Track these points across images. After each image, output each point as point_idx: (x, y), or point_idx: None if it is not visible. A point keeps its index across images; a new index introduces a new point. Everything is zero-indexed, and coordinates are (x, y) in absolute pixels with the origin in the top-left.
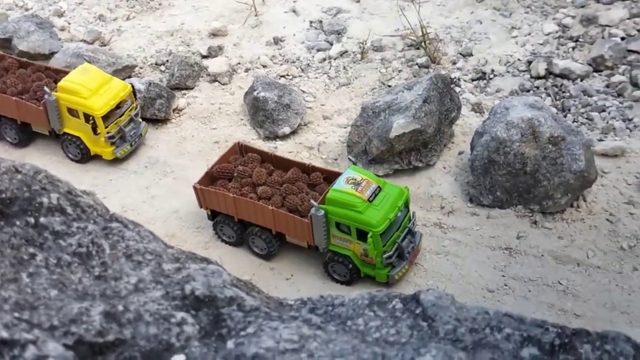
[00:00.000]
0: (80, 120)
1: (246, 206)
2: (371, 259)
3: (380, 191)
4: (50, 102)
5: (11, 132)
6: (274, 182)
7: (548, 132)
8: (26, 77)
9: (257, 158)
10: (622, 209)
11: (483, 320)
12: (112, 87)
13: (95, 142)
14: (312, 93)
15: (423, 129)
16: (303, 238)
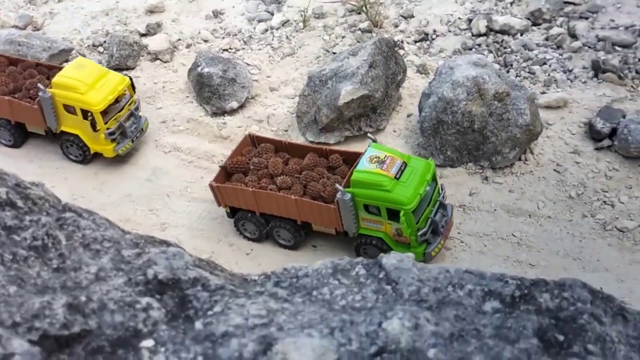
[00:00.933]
0: (77, 117)
1: (267, 199)
2: (405, 238)
3: (406, 167)
4: (45, 99)
5: (4, 133)
6: (292, 171)
7: (493, 89)
8: (17, 75)
9: (270, 148)
10: (568, 158)
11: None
12: (109, 81)
13: (95, 140)
14: (256, 65)
15: (371, 94)
16: (331, 225)
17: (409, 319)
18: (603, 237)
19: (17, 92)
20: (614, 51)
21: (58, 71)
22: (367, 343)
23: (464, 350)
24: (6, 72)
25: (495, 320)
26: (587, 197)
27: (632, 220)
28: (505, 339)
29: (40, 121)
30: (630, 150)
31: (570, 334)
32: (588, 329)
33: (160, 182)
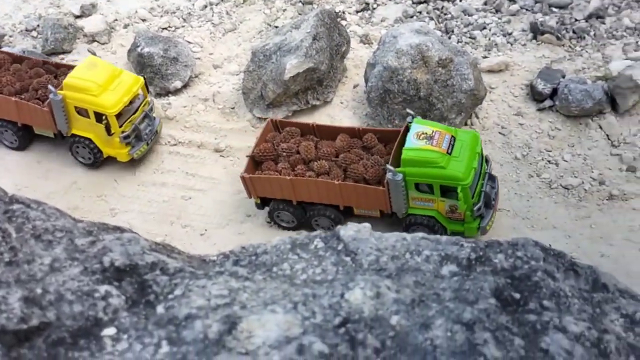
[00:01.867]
0: (90, 120)
1: (307, 186)
2: (459, 215)
3: (455, 140)
4: (56, 101)
5: (9, 135)
6: (326, 154)
7: (437, 56)
8: (23, 74)
9: (296, 131)
10: (512, 120)
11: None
12: (123, 81)
13: (109, 143)
14: (198, 43)
15: (316, 67)
16: (378, 207)
17: (371, 288)
18: (549, 195)
19: (23, 92)
20: (551, 12)
21: (66, 70)
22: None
23: (425, 314)
24: (11, 70)
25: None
26: (532, 157)
27: (576, 177)
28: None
29: (50, 124)
30: (571, 109)
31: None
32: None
33: (107, 167)
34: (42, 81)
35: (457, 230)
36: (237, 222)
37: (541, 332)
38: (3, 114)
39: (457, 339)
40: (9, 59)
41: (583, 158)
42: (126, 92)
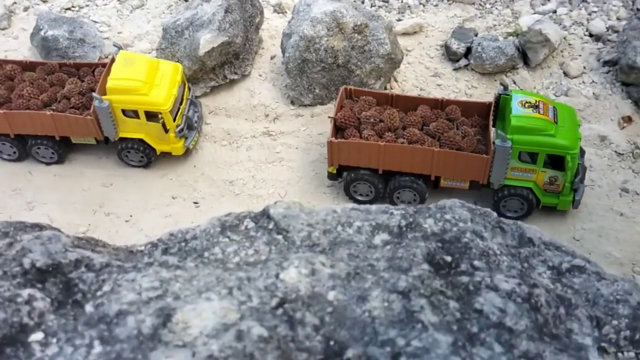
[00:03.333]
0: (140, 120)
1: (400, 154)
2: (557, 187)
3: (557, 110)
4: (103, 108)
5: (46, 151)
6: (413, 123)
7: (352, 22)
8: (42, 82)
9: (373, 101)
10: (430, 82)
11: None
12: (165, 72)
13: (162, 140)
14: (105, 22)
15: (231, 40)
16: (474, 177)
17: (305, 266)
18: None
19: (52, 103)
20: None
21: (88, 69)
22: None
23: (361, 287)
24: (26, 80)
25: (386, 252)
26: None
27: None
28: (399, 269)
29: (95, 132)
30: (485, 66)
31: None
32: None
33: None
34: (73, 88)
35: (551, 203)
36: (163, 205)
37: (474, 292)
38: (37, 130)
39: (394, 308)
40: (18, 68)
41: None
42: (172, 83)
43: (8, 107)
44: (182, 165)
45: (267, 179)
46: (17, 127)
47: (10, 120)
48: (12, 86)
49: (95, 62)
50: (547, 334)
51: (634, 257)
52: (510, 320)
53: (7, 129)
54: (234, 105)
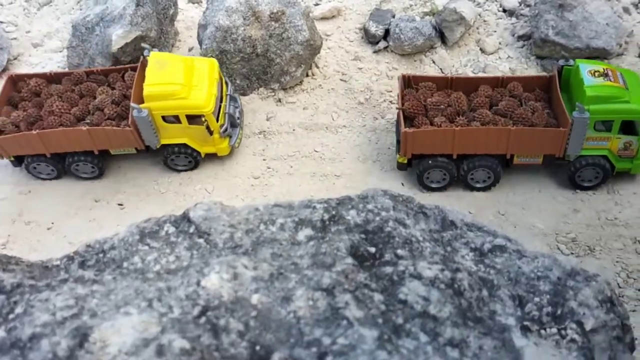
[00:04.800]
0: (182, 124)
1: (475, 136)
2: (631, 151)
3: (624, 76)
4: (142, 118)
5: (86, 166)
6: (481, 104)
7: (268, 10)
8: (70, 95)
9: (433, 86)
10: (351, 66)
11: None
12: (201, 71)
13: (206, 142)
14: (11, 21)
15: (145, 34)
16: (551, 151)
17: (227, 270)
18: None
19: (85, 116)
20: None
21: (117, 74)
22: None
23: (285, 287)
24: (53, 94)
25: (310, 248)
26: (375, 100)
27: None
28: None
29: (135, 142)
30: (405, 48)
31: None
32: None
33: None
34: (105, 98)
35: (625, 169)
36: (85, 210)
37: (398, 282)
38: (74, 147)
39: (319, 307)
40: (42, 81)
41: None
42: (210, 82)
43: (40, 125)
44: (105, 166)
45: (193, 176)
46: (52, 146)
47: (45, 140)
48: (40, 102)
49: (124, 66)
50: (471, 318)
51: (557, 227)
52: (434, 308)
53: (43, 149)
54: None
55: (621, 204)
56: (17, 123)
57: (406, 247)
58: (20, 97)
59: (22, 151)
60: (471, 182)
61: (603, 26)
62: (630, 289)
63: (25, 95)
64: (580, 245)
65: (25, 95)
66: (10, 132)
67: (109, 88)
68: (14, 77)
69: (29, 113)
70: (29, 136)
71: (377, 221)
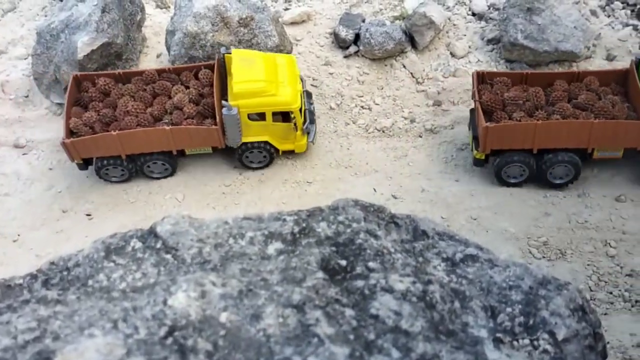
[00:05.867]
0: (266, 122)
1: (557, 130)
2: None
3: None
4: (233, 116)
5: (159, 166)
6: (559, 98)
7: (236, 16)
8: (143, 94)
9: (508, 81)
10: (322, 71)
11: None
12: (283, 67)
13: (287, 139)
14: None
15: (111, 41)
16: (633, 144)
17: (194, 289)
18: (367, 140)
19: (163, 115)
20: None
21: (188, 73)
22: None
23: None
24: (124, 93)
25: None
26: (346, 105)
27: (389, 118)
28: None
29: (217, 140)
30: (375, 52)
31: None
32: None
33: None
34: (183, 97)
35: None
36: (53, 220)
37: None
38: (153, 147)
39: (289, 324)
40: (111, 81)
41: (393, 99)
42: (293, 78)
43: (116, 126)
44: (72, 175)
45: (163, 184)
46: (130, 147)
47: (124, 141)
48: (112, 102)
49: (196, 65)
50: (443, 332)
51: (528, 231)
52: (406, 323)
53: (119, 150)
54: None
55: (591, 207)
56: (92, 124)
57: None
58: (90, 97)
59: (97, 153)
60: (549, 178)
61: (571, 29)
62: (601, 292)
63: (94, 95)
64: (552, 248)
65: (93, 95)
66: (85, 133)
67: (183, 87)
68: (79, 77)
69: (103, 113)
70: (107, 137)
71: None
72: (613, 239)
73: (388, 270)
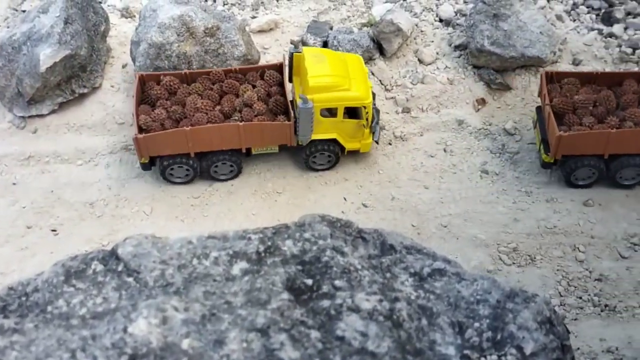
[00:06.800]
0: (336, 119)
1: (630, 138)
2: None
3: None
4: (308, 109)
5: (226, 167)
6: (630, 101)
7: (202, 25)
8: (209, 93)
9: (576, 82)
10: None
11: (188, 252)
12: (352, 64)
13: (354, 137)
14: None
15: (75, 53)
16: None
17: (155, 315)
18: None
19: (232, 113)
20: None
21: (254, 73)
22: (115, 355)
23: (218, 329)
24: (191, 92)
25: (244, 284)
26: None
27: None
28: (257, 303)
29: (288, 138)
30: None
31: (317, 275)
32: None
33: None
34: (252, 95)
35: None
36: (17, 237)
37: (335, 317)
38: (223, 145)
39: (253, 349)
40: (176, 80)
41: None
42: (364, 74)
43: (186, 123)
44: (35, 190)
45: (130, 197)
46: (200, 144)
47: (196, 137)
48: (180, 100)
49: (262, 65)
50: (411, 351)
51: (498, 238)
52: (373, 344)
53: (189, 148)
54: (86, 121)
55: (560, 212)
56: (162, 121)
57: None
58: (157, 95)
59: (166, 150)
60: (618, 180)
61: (537, 35)
62: (571, 297)
63: (160, 93)
64: (522, 254)
65: (160, 93)
66: (155, 130)
67: (250, 86)
68: (144, 77)
69: (173, 110)
70: (179, 133)
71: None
72: (582, 243)
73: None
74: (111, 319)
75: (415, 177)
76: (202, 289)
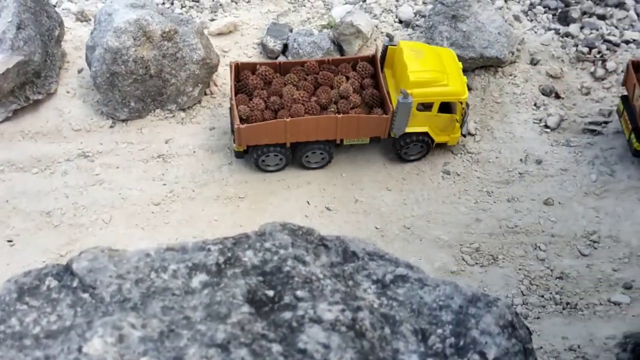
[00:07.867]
0: (431, 112)
1: None
2: None
3: None
4: (408, 104)
5: (316, 155)
6: None
7: (159, 29)
8: (305, 84)
9: None
10: None
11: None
12: (448, 59)
13: (444, 131)
14: None
15: (28, 59)
16: None
17: (111, 333)
18: None
19: (327, 104)
20: None
21: (346, 64)
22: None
23: (176, 346)
24: (286, 82)
25: (204, 298)
26: None
27: None
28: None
29: (383, 130)
30: None
31: (279, 285)
32: (294, 274)
33: None
34: (348, 87)
35: None
36: None
37: (297, 329)
38: (319, 135)
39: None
40: (270, 70)
41: None
42: (458, 68)
43: (284, 114)
44: None
45: (89, 205)
46: (297, 135)
47: (293, 128)
48: (277, 91)
49: (354, 57)
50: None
51: (460, 238)
52: (335, 356)
53: (286, 138)
54: (42, 128)
55: (521, 211)
56: (261, 111)
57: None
58: (254, 85)
59: (264, 140)
60: None
61: (495, 35)
62: (533, 296)
63: (257, 82)
64: (484, 254)
65: (257, 83)
66: (253, 120)
67: (344, 77)
68: (239, 66)
69: (272, 100)
70: (279, 124)
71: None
72: (543, 242)
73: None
74: (65, 338)
75: (377, 180)
76: (160, 303)
